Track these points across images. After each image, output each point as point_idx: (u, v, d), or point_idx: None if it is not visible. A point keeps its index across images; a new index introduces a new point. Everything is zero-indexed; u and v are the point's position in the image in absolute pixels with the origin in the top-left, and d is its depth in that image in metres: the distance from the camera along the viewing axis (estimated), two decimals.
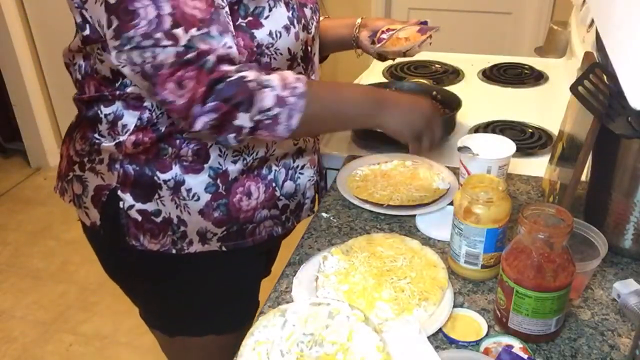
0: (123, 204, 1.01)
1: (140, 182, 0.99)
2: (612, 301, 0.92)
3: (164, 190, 1.00)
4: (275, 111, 0.88)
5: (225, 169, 1.01)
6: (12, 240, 2.77)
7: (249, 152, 1.02)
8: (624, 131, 0.90)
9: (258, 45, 0.94)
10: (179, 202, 1.01)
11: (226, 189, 1.02)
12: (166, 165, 0.99)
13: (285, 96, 0.89)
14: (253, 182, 1.04)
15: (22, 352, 2.16)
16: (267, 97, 0.87)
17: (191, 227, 1.03)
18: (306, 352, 0.77)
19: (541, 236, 0.79)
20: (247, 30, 0.93)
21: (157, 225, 1.02)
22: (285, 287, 0.95)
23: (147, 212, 1.01)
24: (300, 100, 0.90)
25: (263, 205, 1.07)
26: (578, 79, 0.94)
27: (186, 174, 0.99)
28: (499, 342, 0.82)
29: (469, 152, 1.10)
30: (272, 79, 0.89)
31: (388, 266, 0.96)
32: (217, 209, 1.02)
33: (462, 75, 1.82)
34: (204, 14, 0.84)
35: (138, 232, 1.02)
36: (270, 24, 0.95)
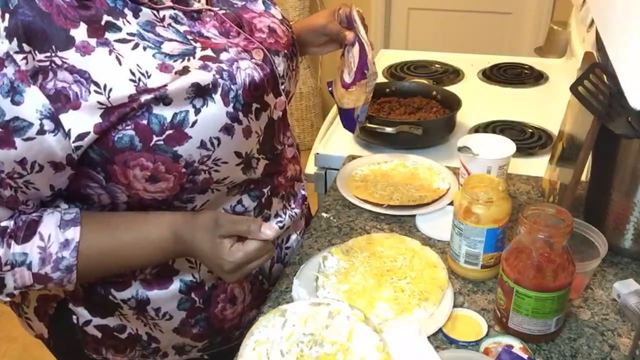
0: (77, 319, 0.86)
1: (93, 299, 0.84)
2: (612, 301, 0.92)
3: (126, 309, 0.84)
4: (39, 287, 0.73)
5: (201, 280, 0.85)
6: None
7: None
8: (624, 131, 0.90)
9: (187, 165, 0.73)
10: (146, 322, 0.86)
11: (204, 301, 0.86)
12: (122, 284, 0.83)
13: (47, 272, 0.71)
14: (236, 284, 0.89)
15: (22, 352, 2.15)
16: (21, 277, 0.71)
17: (165, 343, 0.89)
18: (306, 352, 0.77)
19: (541, 236, 0.79)
20: (167, 151, 0.70)
21: (122, 341, 0.87)
22: (285, 287, 0.95)
23: (109, 328, 0.86)
24: (67, 274, 0.72)
25: (251, 307, 0.93)
26: (578, 79, 0.94)
27: (149, 290, 0.83)
28: (499, 342, 0.82)
29: (469, 152, 1.10)
30: (28, 251, 0.70)
31: (388, 266, 0.96)
32: (196, 325, 0.88)
33: (462, 75, 1.82)
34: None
35: (99, 346, 0.88)
36: (199, 132, 0.71)
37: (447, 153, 1.35)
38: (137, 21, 0.71)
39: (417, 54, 2.00)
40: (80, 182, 0.74)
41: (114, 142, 0.69)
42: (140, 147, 0.69)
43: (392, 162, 1.28)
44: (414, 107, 1.46)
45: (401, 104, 1.49)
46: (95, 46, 0.67)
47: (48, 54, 0.64)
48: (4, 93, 0.63)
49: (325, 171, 1.38)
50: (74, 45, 0.66)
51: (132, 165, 0.71)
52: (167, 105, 0.69)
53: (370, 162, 1.29)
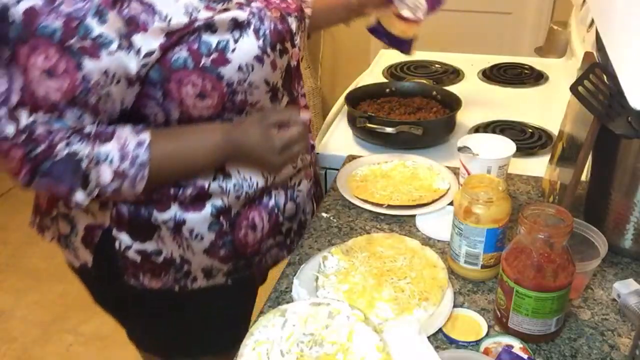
0: (119, 244, 0.96)
1: (136, 223, 0.94)
2: (612, 301, 0.92)
3: (164, 230, 0.95)
4: (115, 185, 0.84)
5: (228, 205, 0.97)
6: (12, 240, 2.77)
7: (249, 184, 0.99)
8: (624, 131, 0.90)
9: (228, 84, 0.88)
10: (181, 242, 0.97)
11: (230, 225, 0.99)
12: (164, 204, 0.94)
13: (124, 169, 0.83)
14: (256, 212, 1.02)
15: (22, 352, 2.16)
16: (103, 174, 0.82)
17: (195, 265, 1.00)
18: (306, 352, 0.77)
19: (541, 236, 0.79)
20: (212, 70, 0.86)
21: (158, 265, 0.98)
22: (285, 287, 0.95)
23: (147, 253, 0.96)
24: (141, 170, 0.84)
25: (268, 235, 1.05)
26: (578, 79, 0.94)
27: (186, 212, 0.95)
28: (499, 342, 0.82)
29: (469, 152, 1.10)
30: (110, 150, 0.82)
31: (388, 266, 0.96)
32: (223, 247, 0.99)
33: (462, 75, 1.82)
34: (59, 97, 0.79)
35: (137, 272, 0.98)
36: (238, 57, 0.87)
37: (447, 153, 1.35)
38: None
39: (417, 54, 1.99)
40: (141, 102, 0.88)
41: (171, 62, 0.84)
42: (192, 67, 0.85)
43: (392, 162, 1.28)
44: (414, 107, 1.46)
45: (401, 104, 1.49)
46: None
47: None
48: (92, 14, 0.77)
49: (325, 171, 1.38)
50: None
51: (185, 83, 0.86)
52: (214, 33, 0.85)
53: (370, 162, 1.29)
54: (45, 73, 0.77)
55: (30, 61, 0.76)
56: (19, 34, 0.76)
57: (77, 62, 0.78)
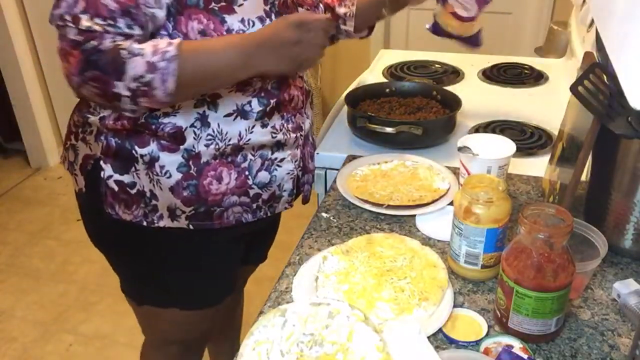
0: (104, 173, 1.06)
1: (119, 155, 1.05)
2: (612, 301, 0.92)
3: (140, 164, 1.05)
4: (148, 77, 0.91)
5: (198, 151, 1.04)
6: (12, 240, 2.77)
7: (222, 137, 1.05)
8: (624, 131, 0.90)
9: (228, 30, 0.98)
10: (152, 177, 1.06)
11: (197, 171, 1.06)
12: (145, 141, 1.04)
13: (155, 61, 0.91)
14: (225, 167, 1.07)
15: (22, 352, 2.16)
16: (138, 65, 0.90)
17: (162, 201, 1.07)
18: (306, 352, 0.77)
19: (541, 236, 0.79)
20: (218, 14, 0.97)
21: (131, 196, 1.07)
22: (285, 287, 0.95)
23: (123, 183, 1.06)
24: (171, 64, 0.91)
25: (233, 192, 1.09)
26: (578, 79, 0.94)
27: (162, 151, 1.04)
28: (499, 342, 0.82)
29: (469, 152, 1.10)
30: (144, 47, 0.92)
31: (388, 266, 0.96)
32: (187, 189, 1.06)
33: (462, 75, 1.82)
34: (116, 7, 0.91)
35: (114, 202, 1.08)
36: (243, 11, 0.99)
37: (447, 153, 1.35)
38: None
39: (417, 54, 2.00)
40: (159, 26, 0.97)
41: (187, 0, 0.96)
42: (202, 6, 0.96)
43: (392, 162, 1.28)
44: (414, 107, 1.46)
45: (401, 104, 1.49)
46: None
47: None
48: None
49: (325, 171, 1.38)
50: None
51: (193, 18, 0.97)
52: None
53: (370, 162, 1.29)
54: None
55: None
56: None
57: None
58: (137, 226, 1.09)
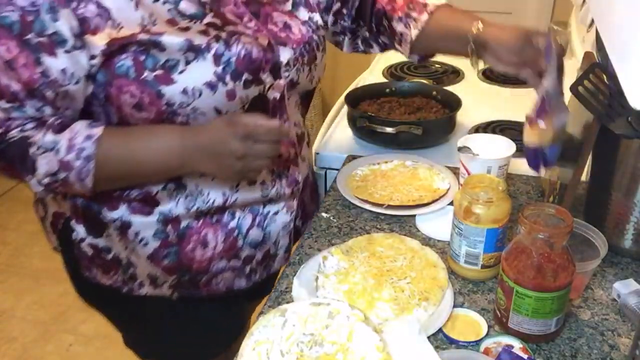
0: (76, 235, 0.97)
1: (89, 216, 0.95)
2: (612, 301, 0.92)
3: (112, 229, 0.94)
4: (62, 175, 0.83)
5: (177, 215, 0.93)
6: (12, 240, 2.77)
7: (204, 199, 0.94)
8: (624, 131, 0.90)
9: (168, 104, 0.84)
10: (127, 244, 0.95)
11: (178, 236, 0.95)
12: (113, 203, 0.93)
13: (70, 160, 0.82)
14: (211, 229, 0.96)
15: (22, 352, 2.16)
16: (50, 162, 0.82)
17: (141, 269, 0.98)
18: (306, 352, 0.77)
19: (541, 236, 0.79)
20: (153, 86, 0.83)
21: (108, 262, 0.98)
22: (285, 287, 0.95)
23: (98, 248, 0.97)
24: (87, 163, 0.83)
25: (221, 256, 0.98)
26: (578, 79, 0.94)
27: (133, 214, 0.93)
28: (499, 342, 0.82)
29: (469, 152, 1.10)
30: (59, 140, 0.82)
31: (388, 266, 0.96)
32: (167, 257, 0.96)
33: (462, 75, 1.82)
34: (21, 88, 0.80)
35: (90, 265, 0.99)
36: (186, 79, 0.83)
37: (447, 153, 1.35)
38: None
39: None
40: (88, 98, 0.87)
41: (115, 68, 0.82)
42: (133, 77, 0.82)
43: (392, 162, 1.28)
44: (414, 107, 1.46)
45: (401, 104, 1.49)
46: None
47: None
48: (46, 10, 0.77)
49: (325, 171, 1.38)
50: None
51: (125, 91, 0.84)
52: (162, 51, 0.82)
53: (370, 162, 1.29)
54: (6, 64, 0.78)
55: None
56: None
57: (35, 57, 0.79)
58: (118, 292, 1.00)
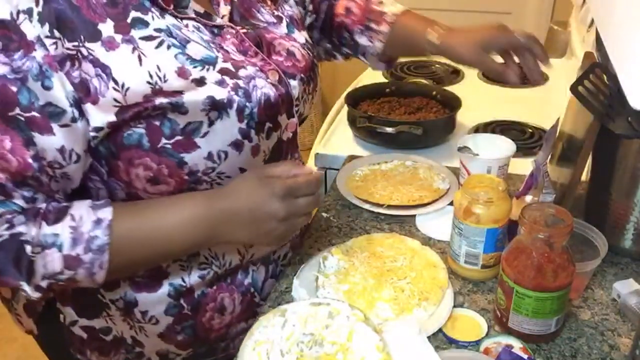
0: (64, 318, 0.84)
1: (81, 299, 0.82)
2: (612, 301, 0.92)
3: (113, 310, 0.82)
4: (68, 274, 0.69)
5: (191, 285, 0.83)
6: None
7: (220, 263, 0.84)
8: (624, 131, 0.90)
9: (190, 173, 0.72)
10: (132, 324, 0.84)
11: (192, 309, 0.84)
12: (112, 282, 0.79)
13: (77, 255, 0.68)
14: (227, 293, 0.87)
15: (22, 352, 2.15)
16: (52, 261, 0.67)
17: (149, 348, 0.87)
18: (306, 352, 0.77)
19: (541, 236, 0.79)
20: (173, 155, 0.70)
21: (107, 343, 0.85)
22: (285, 287, 0.95)
23: (95, 330, 0.84)
24: (100, 255, 0.69)
25: (239, 319, 0.90)
26: (578, 79, 0.94)
27: (138, 292, 0.81)
28: (499, 342, 0.82)
29: (469, 152, 1.10)
30: (60, 232, 0.68)
31: (388, 266, 0.96)
32: (182, 332, 0.85)
33: (462, 75, 1.82)
34: (7, 178, 0.66)
35: (84, 348, 0.87)
36: (209, 144, 0.72)
37: (447, 153, 1.35)
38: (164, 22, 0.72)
39: None
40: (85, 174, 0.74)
41: (123, 138, 0.70)
42: (147, 147, 0.70)
43: (392, 162, 1.28)
44: (414, 107, 1.46)
45: (401, 104, 1.49)
46: (120, 43, 0.68)
47: (76, 43, 0.66)
48: (34, 76, 0.64)
49: (325, 171, 1.38)
50: (101, 39, 0.67)
51: (137, 164, 0.71)
52: (184, 114, 0.70)
53: (370, 162, 1.29)
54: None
55: None
56: None
57: (25, 138, 0.65)
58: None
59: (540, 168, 0.96)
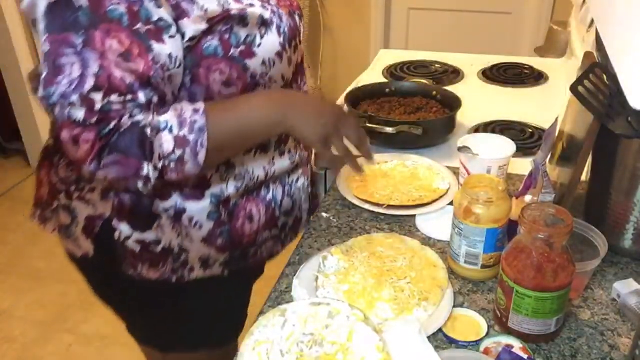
0: (119, 234, 0.96)
1: (137, 212, 0.95)
2: (612, 301, 0.92)
3: (164, 219, 0.96)
4: (178, 153, 0.83)
5: (228, 195, 0.98)
6: (12, 240, 2.77)
7: (250, 176, 1.00)
8: (624, 131, 0.90)
9: (252, 76, 0.92)
10: (180, 231, 0.97)
11: (228, 215, 1.00)
12: (165, 193, 0.94)
13: (184, 135, 0.83)
14: (254, 204, 1.03)
15: (22, 352, 2.16)
16: (166, 142, 0.82)
17: (193, 254, 1.00)
18: (306, 352, 0.77)
19: (541, 236, 0.79)
20: (239, 61, 0.90)
21: (157, 254, 0.98)
22: (285, 287, 0.95)
23: (146, 242, 0.97)
24: (201, 135, 0.84)
25: (265, 227, 1.05)
26: (578, 79, 0.94)
27: (186, 201, 0.96)
28: (499, 342, 0.82)
29: (469, 152, 1.10)
30: (168, 119, 0.83)
31: (388, 266, 0.96)
32: (221, 236, 1.00)
33: (462, 75, 1.82)
34: (135, 79, 0.81)
35: (136, 262, 0.99)
36: (262, 52, 0.92)
37: (447, 153, 1.35)
38: None
39: (417, 54, 2.00)
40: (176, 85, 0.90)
41: (203, 49, 0.88)
42: (221, 55, 0.89)
43: (392, 162, 1.28)
44: (414, 107, 1.46)
45: (401, 104, 1.49)
46: None
47: None
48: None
49: (325, 171, 1.38)
50: None
51: (214, 70, 0.89)
52: (245, 26, 0.90)
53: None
54: (121, 57, 0.79)
55: (106, 45, 0.79)
56: (90, 19, 0.78)
57: (146, 46, 0.81)
58: (164, 282, 1.01)
59: (539, 168, 0.96)
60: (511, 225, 0.93)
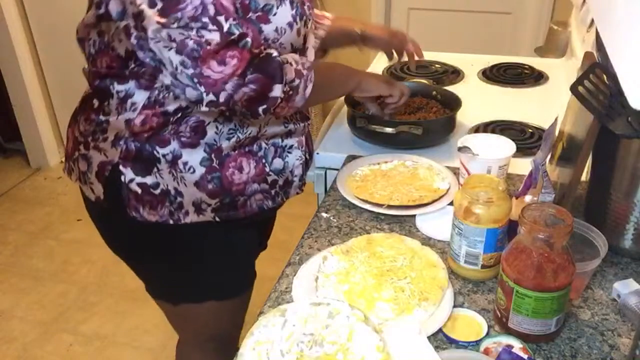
0: (124, 177, 1.07)
1: (140, 157, 1.07)
2: (612, 301, 0.92)
3: (163, 163, 1.07)
4: (296, 82, 1.01)
5: (220, 145, 1.08)
6: (12, 240, 2.77)
7: (243, 130, 1.09)
8: (624, 131, 0.90)
9: (265, 39, 1.02)
10: (176, 175, 1.08)
11: (219, 163, 1.09)
12: (165, 140, 1.06)
13: (300, 69, 1.02)
14: (244, 157, 1.11)
15: (22, 352, 2.16)
16: (290, 71, 1.00)
17: (187, 198, 1.09)
18: (306, 352, 0.77)
19: (541, 236, 0.79)
20: (256, 24, 1.01)
21: (156, 197, 1.09)
22: (285, 287, 0.95)
23: (146, 185, 1.08)
24: (310, 72, 1.04)
25: (253, 180, 1.13)
26: (578, 79, 0.94)
27: (183, 148, 1.06)
28: (499, 342, 0.82)
29: (469, 152, 1.10)
30: (289, 56, 1.02)
31: (388, 266, 0.96)
32: (211, 182, 1.09)
33: (462, 75, 1.82)
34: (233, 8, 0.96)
35: (138, 204, 1.09)
36: (276, 20, 1.02)
37: (447, 153, 1.35)
38: None
39: None
40: None
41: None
42: (241, 15, 0.98)
43: (392, 162, 1.28)
44: (414, 107, 1.46)
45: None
46: None
47: None
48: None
49: (325, 171, 1.38)
50: None
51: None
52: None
53: (370, 162, 1.29)
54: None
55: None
56: None
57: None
58: (163, 226, 1.11)
59: (539, 168, 0.96)
60: (511, 225, 0.93)
